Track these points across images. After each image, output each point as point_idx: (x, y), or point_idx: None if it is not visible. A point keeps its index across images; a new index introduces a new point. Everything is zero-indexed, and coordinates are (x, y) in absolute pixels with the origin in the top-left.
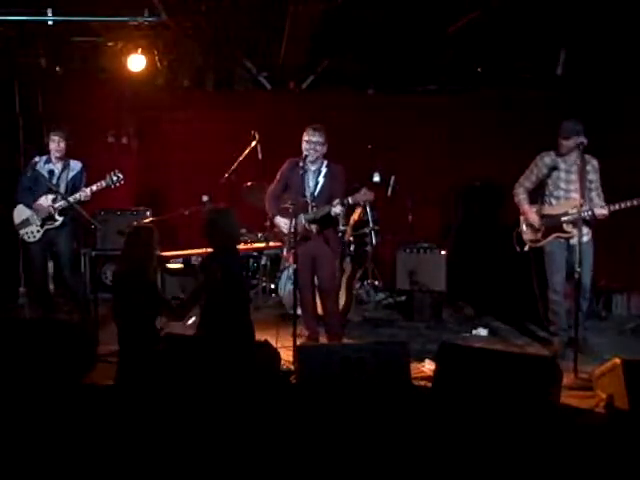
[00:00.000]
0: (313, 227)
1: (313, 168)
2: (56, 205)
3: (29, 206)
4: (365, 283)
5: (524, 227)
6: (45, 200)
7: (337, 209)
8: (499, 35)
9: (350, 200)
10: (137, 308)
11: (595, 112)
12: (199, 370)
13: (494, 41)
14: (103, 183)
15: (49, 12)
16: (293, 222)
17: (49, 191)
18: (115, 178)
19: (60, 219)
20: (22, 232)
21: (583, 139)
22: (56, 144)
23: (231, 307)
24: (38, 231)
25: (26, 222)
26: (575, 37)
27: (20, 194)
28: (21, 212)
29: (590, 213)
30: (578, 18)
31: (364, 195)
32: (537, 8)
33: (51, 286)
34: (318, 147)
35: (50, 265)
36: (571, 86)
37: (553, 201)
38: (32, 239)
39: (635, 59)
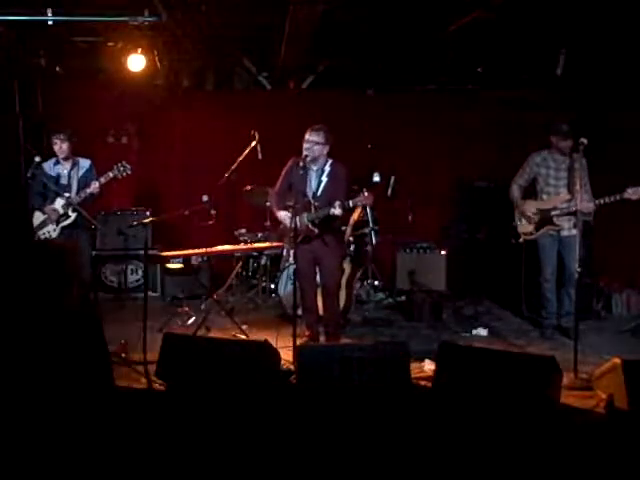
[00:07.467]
0: (315, 228)
1: (315, 167)
2: (69, 208)
3: (42, 210)
4: (365, 283)
5: (518, 221)
6: (58, 202)
7: (337, 211)
8: (499, 35)
9: (350, 203)
10: None
11: (594, 112)
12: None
13: (494, 41)
14: (110, 174)
15: (49, 12)
16: (295, 221)
17: (59, 194)
18: (122, 168)
19: (73, 215)
20: (39, 233)
21: (571, 141)
22: (58, 146)
23: None
24: (54, 230)
25: (43, 224)
26: (575, 38)
27: (33, 199)
28: (38, 216)
29: (577, 207)
30: (578, 19)
31: (365, 198)
32: (537, 8)
33: None
34: (315, 147)
35: None
36: (571, 86)
37: (544, 197)
38: (49, 238)
39: (635, 60)
